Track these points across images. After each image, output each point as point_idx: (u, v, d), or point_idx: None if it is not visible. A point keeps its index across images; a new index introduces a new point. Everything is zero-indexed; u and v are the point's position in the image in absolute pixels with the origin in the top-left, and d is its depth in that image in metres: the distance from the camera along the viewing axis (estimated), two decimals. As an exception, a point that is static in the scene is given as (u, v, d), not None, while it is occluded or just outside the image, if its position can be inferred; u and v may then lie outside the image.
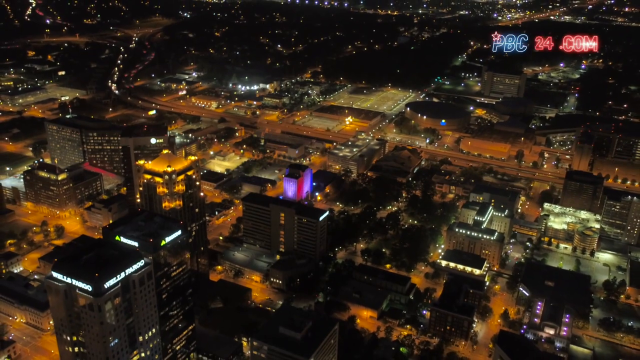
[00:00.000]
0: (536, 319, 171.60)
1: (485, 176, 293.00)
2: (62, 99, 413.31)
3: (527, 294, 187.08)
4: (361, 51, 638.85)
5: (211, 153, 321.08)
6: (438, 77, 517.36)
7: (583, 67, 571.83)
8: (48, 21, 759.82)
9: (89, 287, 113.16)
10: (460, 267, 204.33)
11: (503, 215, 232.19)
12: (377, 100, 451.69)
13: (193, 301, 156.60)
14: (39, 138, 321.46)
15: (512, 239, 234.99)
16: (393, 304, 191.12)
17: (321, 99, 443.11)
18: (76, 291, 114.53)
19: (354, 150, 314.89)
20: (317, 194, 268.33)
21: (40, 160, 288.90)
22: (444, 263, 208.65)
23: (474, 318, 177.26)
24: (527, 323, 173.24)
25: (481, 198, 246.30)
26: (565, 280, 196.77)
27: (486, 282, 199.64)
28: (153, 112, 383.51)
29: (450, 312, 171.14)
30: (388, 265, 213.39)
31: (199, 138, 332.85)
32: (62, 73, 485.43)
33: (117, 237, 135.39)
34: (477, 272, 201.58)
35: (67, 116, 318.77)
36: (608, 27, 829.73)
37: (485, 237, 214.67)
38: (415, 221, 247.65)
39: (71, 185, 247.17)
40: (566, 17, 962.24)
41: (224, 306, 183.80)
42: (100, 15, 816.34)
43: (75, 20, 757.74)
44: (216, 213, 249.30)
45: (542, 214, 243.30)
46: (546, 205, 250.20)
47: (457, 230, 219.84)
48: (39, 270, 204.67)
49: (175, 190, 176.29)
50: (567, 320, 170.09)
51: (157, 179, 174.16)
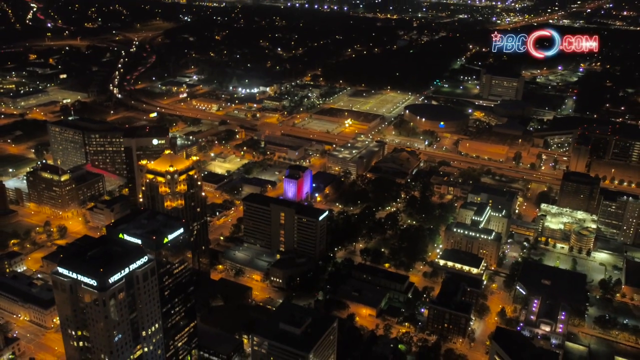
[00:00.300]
0: (532, 316, 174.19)
1: (483, 177, 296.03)
2: (64, 102, 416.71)
3: (524, 293, 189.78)
4: (360, 54, 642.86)
5: (212, 155, 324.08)
6: (437, 80, 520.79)
7: (581, 70, 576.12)
8: (49, 25, 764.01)
9: (94, 282, 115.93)
10: (458, 266, 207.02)
11: (500, 215, 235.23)
12: (377, 103, 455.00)
13: (194, 299, 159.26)
14: (41, 140, 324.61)
15: (510, 239, 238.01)
16: (392, 302, 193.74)
17: (321, 102, 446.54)
18: (81, 286, 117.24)
19: (354, 152, 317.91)
20: (317, 195, 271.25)
21: (43, 161, 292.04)
22: (442, 262, 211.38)
23: (472, 316, 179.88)
24: (524, 320, 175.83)
25: (479, 199, 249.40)
26: (561, 279, 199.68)
27: (484, 281, 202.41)
28: (154, 115, 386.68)
29: (447, 310, 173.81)
30: (387, 264, 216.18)
31: (200, 140, 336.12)
32: (64, 76, 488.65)
33: (121, 235, 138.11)
34: (475, 271, 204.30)
35: (70, 118, 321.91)
36: (606, 31, 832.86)
37: (482, 237, 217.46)
38: (413, 221, 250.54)
39: (74, 186, 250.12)
40: (565, 21, 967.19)
41: (225, 304, 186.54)
42: (101, 19, 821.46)
43: (76, 24, 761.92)
44: (217, 213, 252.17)
45: (539, 214, 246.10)
46: (543, 205, 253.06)
47: (455, 230, 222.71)
48: (42, 269, 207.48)
49: (177, 189, 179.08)
50: (563, 317, 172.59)
51: (160, 179, 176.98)
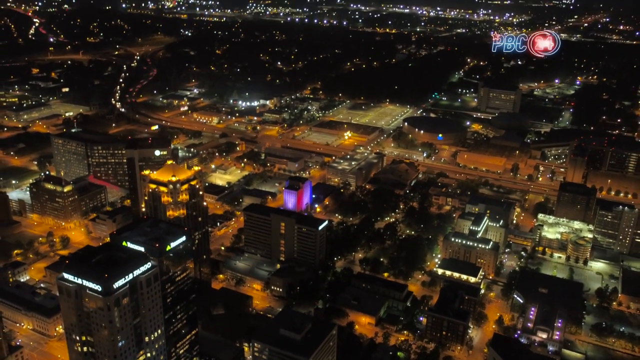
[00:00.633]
0: (529, 324, 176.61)
1: (481, 188, 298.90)
2: (66, 115, 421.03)
3: (521, 301, 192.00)
4: (360, 68, 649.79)
5: (213, 167, 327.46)
6: (435, 93, 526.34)
7: (578, 83, 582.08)
8: (52, 39, 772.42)
9: (99, 287, 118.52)
10: (456, 275, 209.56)
11: (498, 225, 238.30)
12: (376, 115, 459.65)
13: (196, 307, 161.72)
14: (44, 152, 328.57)
15: (507, 249, 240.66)
16: (391, 311, 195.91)
17: (320, 115, 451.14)
18: (86, 291, 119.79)
19: (353, 163, 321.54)
20: (317, 206, 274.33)
21: (46, 172, 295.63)
22: (440, 271, 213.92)
23: (469, 323, 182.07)
24: (521, 327, 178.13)
25: (477, 209, 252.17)
26: (558, 287, 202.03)
27: (481, 289, 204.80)
28: (155, 128, 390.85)
29: (446, 317, 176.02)
30: (386, 273, 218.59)
31: (201, 152, 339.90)
32: (66, 90, 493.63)
33: (124, 243, 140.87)
34: (473, 280, 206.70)
35: (73, 130, 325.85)
36: (603, 45, 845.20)
37: (480, 246, 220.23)
38: (412, 231, 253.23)
39: (76, 197, 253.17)
40: (562, 35, 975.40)
41: (226, 312, 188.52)
42: (103, 33, 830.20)
43: (78, 38, 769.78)
44: (218, 224, 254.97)
45: (537, 224, 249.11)
46: (540, 215, 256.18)
47: (453, 239, 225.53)
48: (45, 279, 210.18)
49: (179, 199, 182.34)
50: (560, 324, 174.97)
51: (162, 189, 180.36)
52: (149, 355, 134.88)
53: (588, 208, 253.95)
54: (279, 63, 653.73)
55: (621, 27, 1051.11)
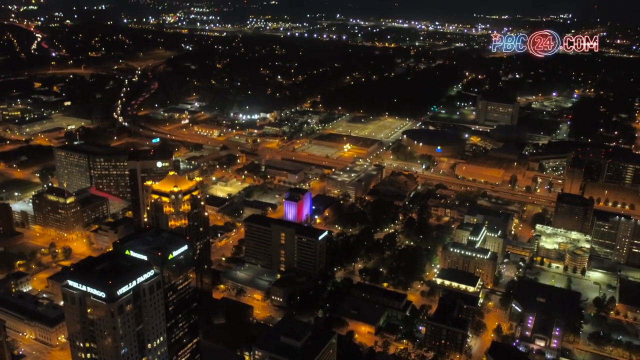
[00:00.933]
0: (527, 332, 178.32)
1: (479, 200, 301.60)
2: (68, 128, 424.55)
3: (520, 310, 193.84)
4: (359, 82, 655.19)
5: (213, 179, 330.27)
6: (434, 106, 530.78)
7: (575, 96, 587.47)
8: (54, 54, 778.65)
9: (103, 294, 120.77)
10: (454, 285, 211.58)
11: (496, 235, 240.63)
12: (375, 128, 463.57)
13: (197, 316, 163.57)
14: (46, 165, 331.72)
15: (506, 259, 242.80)
16: (390, 320, 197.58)
17: (320, 128, 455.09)
18: (90, 298, 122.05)
19: (352, 175, 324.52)
20: (317, 217, 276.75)
21: (49, 184, 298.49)
22: (439, 281, 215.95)
23: (468, 332, 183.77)
24: (519, 336, 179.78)
25: (475, 220, 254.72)
26: (556, 296, 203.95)
27: (480, 299, 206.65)
28: (156, 141, 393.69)
29: (444, 326, 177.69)
30: (385, 283, 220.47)
31: (202, 164, 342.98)
32: (68, 103, 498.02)
33: (127, 251, 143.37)
34: (471, 290, 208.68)
35: (75, 143, 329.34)
36: (600, 58, 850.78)
37: (478, 256, 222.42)
38: (411, 242, 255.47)
39: (78, 208, 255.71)
40: (559, 48, 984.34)
41: (227, 322, 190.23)
42: (104, 48, 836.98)
43: (80, 53, 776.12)
44: (218, 235, 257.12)
45: (535, 235, 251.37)
46: (538, 226, 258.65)
47: (452, 249, 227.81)
48: (48, 289, 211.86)
49: (181, 209, 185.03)
50: (558, 333, 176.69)
51: (164, 199, 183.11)
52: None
53: (585, 219, 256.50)
54: (279, 77, 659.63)
55: (618, 41, 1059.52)
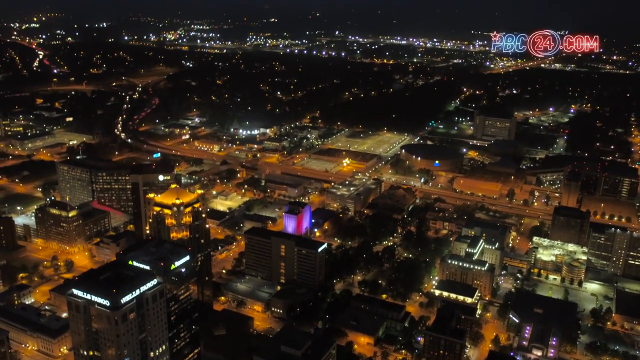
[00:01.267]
0: (524, 342, 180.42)
1: (477, 213, 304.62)
2: (70, 143, 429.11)
3: (517, 320, 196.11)
4: (358, 97, 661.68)
5: (214, 193, 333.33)
6: (432, 121, 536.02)
7: (572, 111, 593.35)
8: (56, 71, 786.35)
9: (107, 302, 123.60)
10: (453, 296, 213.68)
11: (494, 248, 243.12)
12: (374, 143, 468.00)
13: (198, 326, 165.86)
14: (48, 179, 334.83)
15: (503, 271, 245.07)
16: (389, 331, 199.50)
17: (319, 143, 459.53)
18: (95, 306, 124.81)
19: (351, 189, 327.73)
20: (316, 230, 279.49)
21: (52, 198, 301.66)
22: (438, 292, 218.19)
23: (466, 343, 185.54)
24: (516, 346, 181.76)
25: (473, 232, 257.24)
26: (553, 307, 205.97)
27: (478, 310, 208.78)
28: (157, 155, 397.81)
29: (443, 336, 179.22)
30: (384, 295, 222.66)
31: (203, 179, 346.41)
32: (70, 119, 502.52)
33: (130, 262, 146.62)
34: (469, 301, 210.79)
35: (77, 157, 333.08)
36: (597, 74, 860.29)
37: (476, 268, 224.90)
38: (410, 254, 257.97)
39: (80, 221, 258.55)
40: (556, 65, 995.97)
41: (227, 333, 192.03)
42: (106, 65, 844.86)
43: (81, 70, 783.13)
44: (219, 248, 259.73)
45: (532, 247, 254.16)
46: (535, 238, 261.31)
47: (450, 261, 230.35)
48: (50, 301, 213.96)
49: (182, 221, 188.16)
50: (555, 342, 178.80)
51: (166, 211, 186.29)
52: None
53: (582, 231, 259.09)
54: (279, 93, 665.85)
55: (614, 57, 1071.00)
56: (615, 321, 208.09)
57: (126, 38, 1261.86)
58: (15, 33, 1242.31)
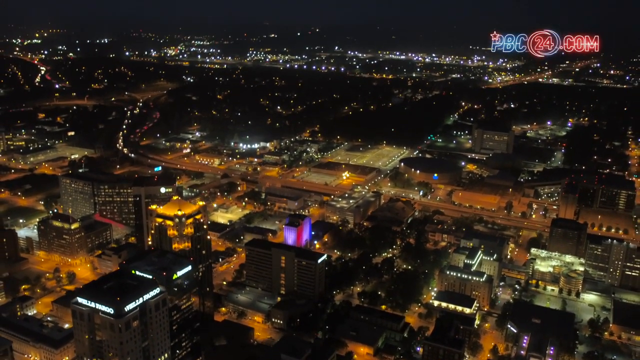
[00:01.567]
0: (522, 351, 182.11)
1: (476, 225, 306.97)
2: (72, 157, 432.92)
3: (515, 331, 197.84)
4: (357, 111, 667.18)
5: (214, 206, 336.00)
6: (431, 135, 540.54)
7: (569, 125, 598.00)
8: (57, 86, 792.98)
9: (111, 310, 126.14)
10: (451, 307, 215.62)
11: (492, 259, 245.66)
12: (373, 156, 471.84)
13: (199, 336, 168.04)
14: (50, 193, 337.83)
15: (502, 282, 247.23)
16: (388, 341, 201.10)
17: (319, 156, 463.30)
18: (99, 314, 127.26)
19: (351, 202, 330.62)
20: (316, 242, 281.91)
21: (54, 210, 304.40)
22: (436, 303, 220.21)
23: (465, 353, 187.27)
24: (514, 355, 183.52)
25: (471, 244, 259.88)
26: (551, 317, 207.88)
27: (476, 320, 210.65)
28: (158, 169, 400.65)
29: (441, 346, 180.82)
30: (383, 306, 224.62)
31: (203, 192, 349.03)
32: (71, 133, 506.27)
33: (133, 271, 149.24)
34: (468, 311, 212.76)
35: (80, 170, 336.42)
36: (594, 89, 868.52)
37: (474, 279, 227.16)
38: (409, 266, 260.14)
39: (83, 234, 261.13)
40: (554, 79, 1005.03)
41: (228, 343, 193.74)
42: (107, 80, 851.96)
43: (83, 85, 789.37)
44: (220, 260, 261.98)
45: (530, 258, 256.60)
46: (533, 250, 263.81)
47: (449, 272, 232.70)
48: (52, 313, 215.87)
49: (184, 232, 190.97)
50: (552, 352, 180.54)
51: (168, 222, 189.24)
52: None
53: (579, 242, 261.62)
54: (279, 107, 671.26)
55: (611, 72, 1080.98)
56: (612, 331, 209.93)
57: (127, 53, 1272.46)
58: (17, 49, 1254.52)
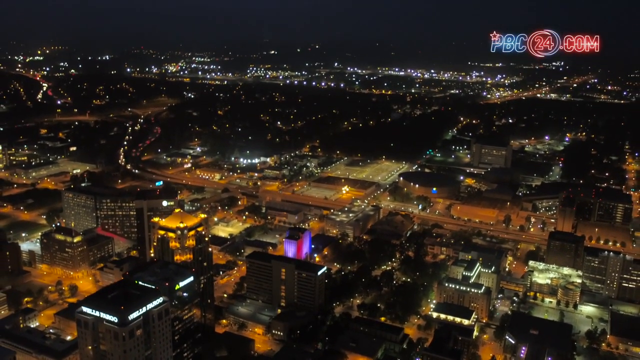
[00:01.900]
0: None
1: (474, 238, 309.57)
2: (73, 172, 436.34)
3: (513, 341, 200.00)
4: (357, 127, 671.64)
5: (215, 219, 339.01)
6: (430, 150, 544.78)
7: (567, 140, 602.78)
8: (59, 102, 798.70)
9: (115, 319, 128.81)
10: (450, 318, 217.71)
11: (490, 271, 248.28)
12: (372, 171, 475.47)
13: (201, 348, 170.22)
14: (52, 207, 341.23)
15: (500, 294, 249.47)
16: (388, 352, 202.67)
17: (319, 171, 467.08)
18: (103, 323, 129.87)
19: (350, 215, 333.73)
20: (316, 255, 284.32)
21: (57, 224, 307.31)
22: (435, 315, 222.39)
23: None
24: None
25: (469, 256, 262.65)
26: (549, 328, 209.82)
27: (475, 332, 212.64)
28: (160, 183, 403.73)
29: (440, 356, 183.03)
30: (383, 318, 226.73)
31: (204, 206, 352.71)
32: (73, 149, 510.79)
33: (136, 282, 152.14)
34: (466, 323, 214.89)
35: (83, 184, 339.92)
36: (591, 104, 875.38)
37: (473, 291, 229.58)
38: (408, 278, 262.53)
39: (85, 247, 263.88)
40: (552, 95, 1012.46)
41: (229, 355, 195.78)
42: (108, 96, 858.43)
43: (84, 101, 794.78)
44: (220, 273, 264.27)
45: (528, 270, 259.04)
46: (531, 262, 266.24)
47: (447, 284, 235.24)
48: (55, 325, 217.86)
49: (186, 244, 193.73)
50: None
51: (170, 234, 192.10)
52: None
53: (577, 255, 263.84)
54: (279, 122, 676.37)
55: (609, 87, 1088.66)
56: (610, 342, 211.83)
57: (128, 70, 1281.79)
58: (19, 65, 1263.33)
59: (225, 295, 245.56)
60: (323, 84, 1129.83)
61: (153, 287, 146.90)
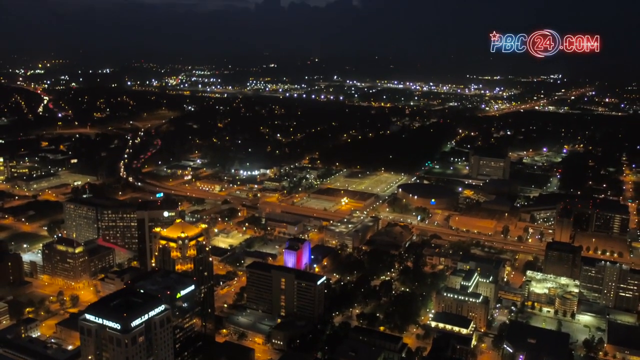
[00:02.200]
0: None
1: (473, 249, 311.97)
2: (74, 184, 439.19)
3: (511, 350, 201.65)
4: (356, 139, 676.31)
5: (215, 231, 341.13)
6: (428, 162, 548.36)
7: (565, 152, 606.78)
8: (60, 115, 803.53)
9: (118, 326, 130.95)
10: (448, 327, 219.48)
11: (488, 281, 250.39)
12: (371, 183, 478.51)
13: (202, 356, 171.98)
14: (53, 219, 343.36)
15: (498, 304, 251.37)
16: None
17: (318, 182, 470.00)
18: (106, 330, 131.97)
19: (350, 226, 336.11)
20: (315, 266, 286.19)
21: (58, 235, 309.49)
22: (434, 324, 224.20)
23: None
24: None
25: (468, 266, 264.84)
26: (546, 337, 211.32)
27: (473, 341, 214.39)
28: (160, 195, 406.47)
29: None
30: (382, 327, 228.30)
31: (204, 217, 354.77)
32: (74, 161, 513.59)
33: (138, 290, 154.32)
34: (465, 332, 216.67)
35: (84, 196, 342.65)
36: (589, 116, 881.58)
37: (471, 300, 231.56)
38: (406, 288, 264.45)
39: (86, 258, 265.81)
40: (550, 107, 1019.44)
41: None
42: (109, 109, 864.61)
43: (85, 114, 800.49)
44: (221, 283, 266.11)
45: (525, 280, 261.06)
46: (529, 272, 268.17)
47: (445, 294, 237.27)
48: (56, 335, 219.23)
49: (187, 254, 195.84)
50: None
51: (172, 244, 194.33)
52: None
53: (574, 265, 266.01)
54: (279, 135, 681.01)
55: (607, 100, 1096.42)
56: (607, 351, 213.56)
57: (129, 83, 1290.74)
58: (21, 79, 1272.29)
59: (225, 305, 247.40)
60: (322, 97, 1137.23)
61: (155, 295, 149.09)
